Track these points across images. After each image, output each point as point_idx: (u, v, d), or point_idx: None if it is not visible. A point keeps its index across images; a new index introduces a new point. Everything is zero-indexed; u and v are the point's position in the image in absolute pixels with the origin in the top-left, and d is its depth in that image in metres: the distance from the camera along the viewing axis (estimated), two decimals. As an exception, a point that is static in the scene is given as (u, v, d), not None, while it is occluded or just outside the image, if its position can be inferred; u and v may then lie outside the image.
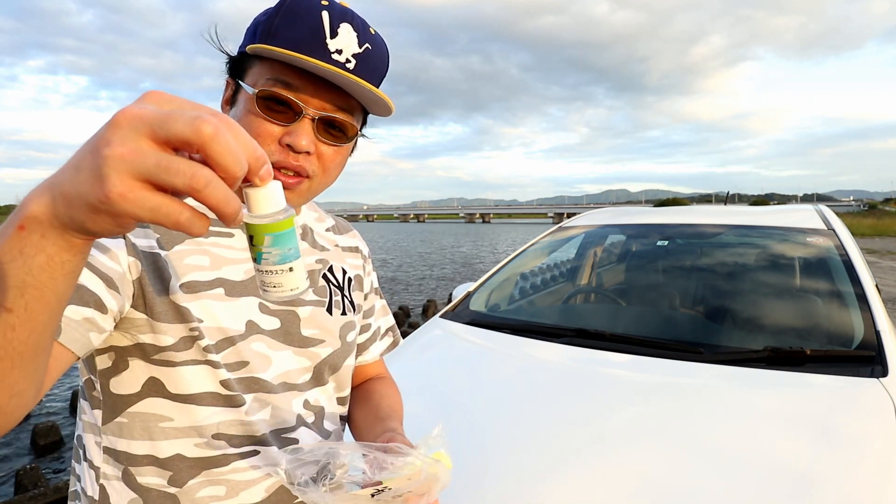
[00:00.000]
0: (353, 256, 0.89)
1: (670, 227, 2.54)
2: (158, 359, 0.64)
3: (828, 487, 1.06)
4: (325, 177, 0.70)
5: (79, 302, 0.56)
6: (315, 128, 0.66)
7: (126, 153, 0.31)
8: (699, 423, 1.28)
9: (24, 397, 0.43)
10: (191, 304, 0.65)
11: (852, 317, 1.72)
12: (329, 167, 0.70)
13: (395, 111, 0.71)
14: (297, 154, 0.65)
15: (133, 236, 0.63)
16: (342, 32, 0.65)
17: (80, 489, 0.70)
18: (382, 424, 0.79)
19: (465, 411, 1.42)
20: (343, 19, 0.65)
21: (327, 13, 0.64)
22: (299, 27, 0.63)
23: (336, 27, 0.64)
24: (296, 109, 0.65)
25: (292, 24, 0.64)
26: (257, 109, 0.64)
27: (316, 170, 0.68)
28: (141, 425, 0.66)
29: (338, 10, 0.66)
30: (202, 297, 0.66)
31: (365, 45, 0.66)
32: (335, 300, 0.81)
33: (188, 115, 0.32)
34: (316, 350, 0.76)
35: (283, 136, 0.65)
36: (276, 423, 0.71)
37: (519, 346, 1.83)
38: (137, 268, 0.62)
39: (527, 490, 1.08)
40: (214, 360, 0.66)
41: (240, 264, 0.70)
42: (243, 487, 0.68)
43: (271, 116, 0.65)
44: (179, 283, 0.65)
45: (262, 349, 0.70)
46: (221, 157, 0.33)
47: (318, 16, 0.64)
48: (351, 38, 0.65)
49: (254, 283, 0.71)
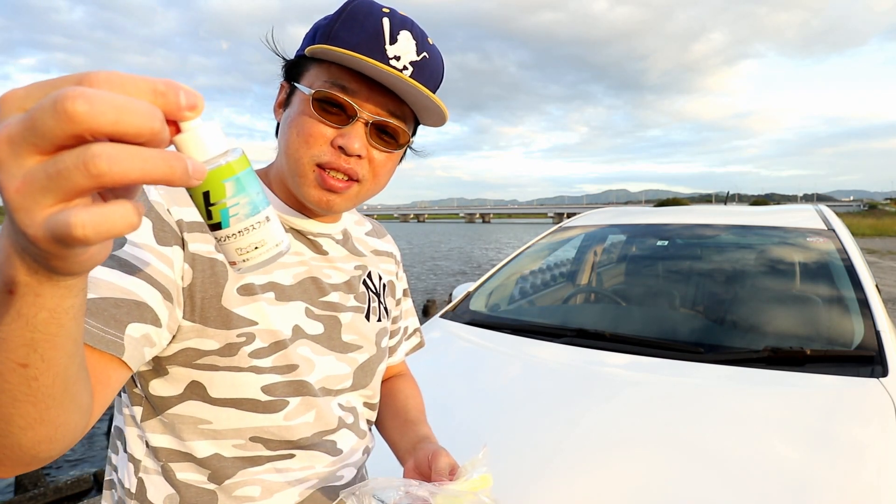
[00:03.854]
0: (388, 262, 0.90)
1: (670, 227, 2.54)
2: (201, 363, 0.64)
3: (828, 487, 1.06)
4: (374, 183, 0.71)
5: (138, 319, 0.56)
6: (368, 132, 0.66)
7: (19, 186, 0.26)
8: (699, 423, 1.28)
9: (73, 424, 0.43)
10: (245, 308, 0.65)
11: (852, 317, 1.72)
12: (379, 173, 0.70)
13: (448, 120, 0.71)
14: (348, 157, 0.66)
15: (191, 241, 0.62)
16: (401, 39, 0.65)
17: (117, 480, 0.70)
18: (414, 430, 0.82)
19: (465, 411, 1.42)
20: (403, 27, 0.66)
21: (388, 20, 0.65)
22: (359, 31, 0.64)
23: (396, 34, 0.65)
24: (350, 112, 0.65)
25: (352, 28, 0.64)
26: (312, 110, 0.65)
27: (366, 174, 0.68)
28: (180, 426, 0.66)
29: (398, 18, 0.66)
30: (257, 299, 0.66)
31: (423, 54, 0.67)
32: (373, 307, 0.82)
33: (50, 102, 0.25)
34: (354, 356, 0.77)
35: (335, 137, 0.65)
36: (319, 426, 0.72)
37: (519, 346, 1.83)
38: (190, 275, 0.62)
39: (527, 490, 1.08)
40: (258, 366, 0.66)
41: (289, 269, 0.71)
42: (278, 489, 0.69)
43: (325, 118, 0.65)
44: (237, 286, 0.65)
45: (307, 353, 0.71)
46: (116, 124, 0.25)
47: (378, 21, 0.64)
48: (410, 45, 0.65)
49: (301, 288, 0.71)
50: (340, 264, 0.78)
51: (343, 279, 0.78)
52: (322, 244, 0.76)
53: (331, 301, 0.74)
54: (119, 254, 0.57)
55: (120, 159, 0.25)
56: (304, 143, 0.65)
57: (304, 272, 0.72)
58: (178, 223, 0.62)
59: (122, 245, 0.57)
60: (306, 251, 0.74)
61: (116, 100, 0.25)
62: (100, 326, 0.53)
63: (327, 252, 0.77)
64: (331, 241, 0.78)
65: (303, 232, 0.74)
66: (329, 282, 0.75)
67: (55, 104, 0.24)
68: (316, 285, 0.73)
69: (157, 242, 0.60)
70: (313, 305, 0.72)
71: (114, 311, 0.54)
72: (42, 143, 0.25)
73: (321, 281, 0.74)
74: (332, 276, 0.76)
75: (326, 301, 0.74)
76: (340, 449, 0.75)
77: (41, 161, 0.26)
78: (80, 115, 0.24)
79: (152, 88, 0.28)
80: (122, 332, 0.54)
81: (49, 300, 0.32)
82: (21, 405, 0.38)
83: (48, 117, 0.25)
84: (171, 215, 0.62)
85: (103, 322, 0.53)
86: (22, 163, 0.26)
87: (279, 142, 0.70)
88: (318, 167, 0.66)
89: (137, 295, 0.56)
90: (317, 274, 0.74)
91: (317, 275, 0.74)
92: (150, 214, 0.60)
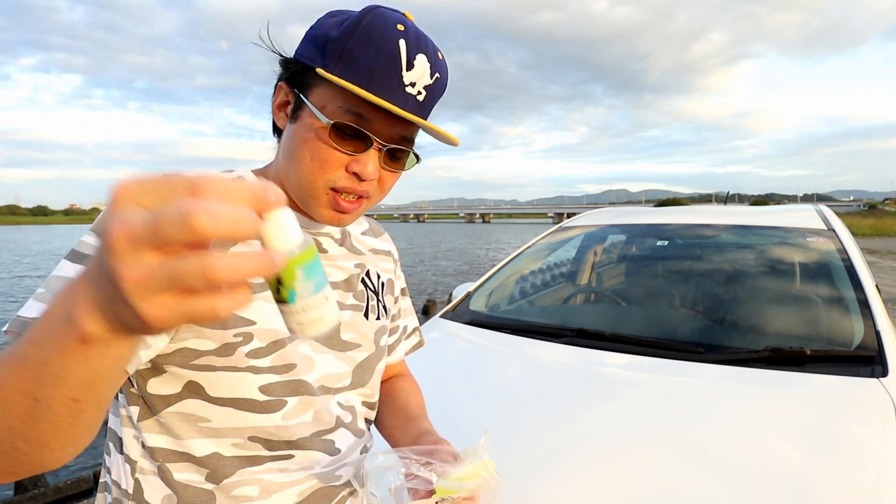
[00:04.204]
0: (386, 260, 0.90)
1: (670, 227, 2.54)
2: (198, 364, 0.64)
3: (828, 487, 1.06)
4: (380, 196, 0.72)
5: None
6: (381, 157, 0.67)
7: (139, 278, 0.30)
8: (699, 423, 1.28)
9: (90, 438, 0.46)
10: (243, 308, 0.65)
11: (852, 317, 1.72)
12: (386, 188, 0.72)
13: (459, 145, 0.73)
14: (361, 181, 0.67)
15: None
16: (417, 64, 0.64)
17: (111, 481, 0.70)
18: (416, 426, 0.82)
19: (465, 411, 1.42)
20: (419, 49, 0.65)
21: (404, 42, 0.64)
22: (375, 55, 0.62)
23: (412, 58, 0.64)
24: (366, 141, 0.65)
25: (367, 50, 0.63)
26: (329, 139, 0.64)
27: (374, 191, 0.70)
28: (178, 424, 0.66)
29: (413, 38, 0.65)
30: (257, 298, 0.66)
31: (435, 75, 0.67)
32: (371, 305, 0.82)
33: (177, 215, 0.29)
34: (353, 354, 0.78)
35: (350, 163, 0.66)
36: (317, 425, 0.72)
37: (519, 346, 1.83)
38: None
39: (527, 490, 1.08)
40: (256, 366, 0.66)
41: None
42: (276, 489, 0.69)
43: (342, 146, 0.65)
44: None
45: (307, 352, 0.71)
46: (232, 234, 0.30)
47: (394, 45, 0.63)
48: (425, 69, 0.65)
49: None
50: (340, 262, 0.79)
51: (342, 277, 0.78)
52: (322, 242, 0.77)
53: None
54: None
55: (232, 267, 0.31)
56: (320, 169, 0.65)
57: None
58: None
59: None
60: None
61: (231, 214, 0.30)
62: None
63: (327, 251, 0.77)
64: (330, 239, 0.78)
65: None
66: (328, 280, 0.75)
67: (182, 219, 0.29)
68: None
69: None
70: None
71: None
72: (163, 245, 0.30)
73: None
74: (332, 274, 0.77)
75: None
76: (339, 448, 0.75)
77: (158, 259, 0.30)
78: (203, 230, 0.29)
79: (252, 194, 0.33)
80: None
81: (120, 350, 0.36)
82: (62, 433, 0.41)
83: (174, 228, 0.29)
84: None
85: None
86: (140, 258, 0.30)
87: (285, 153, 0.69)
88: (333, 190, 0.66)
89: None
90: None
91: None
92: None
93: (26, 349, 0.38)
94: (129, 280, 0.30)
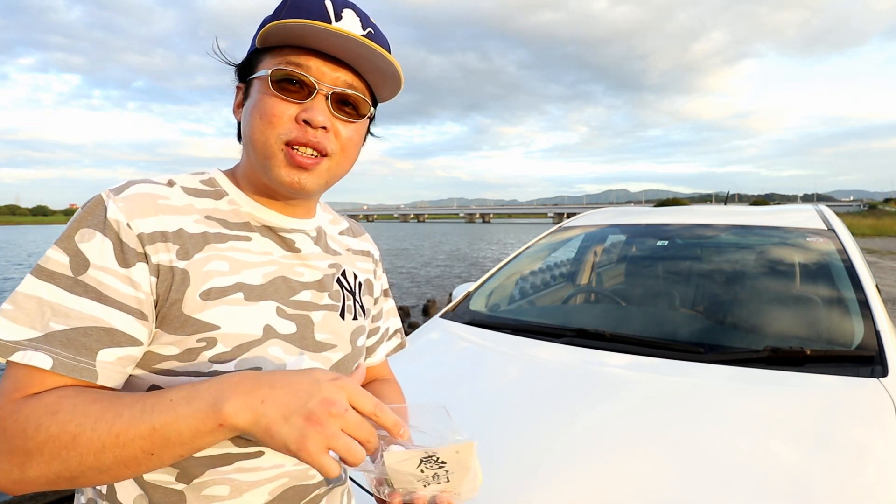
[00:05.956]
0: (365, 260, 0.90)
1: (670, 227, 2.54)
2: (160, 368, 0.64)
3: (827, 488, 1.06)
4: (343, 157, 0.72)
5: (109, 344, 0.59)
6: (329, 104, 0.68)
7: (328, 437, 0.51)
8: (699, 423, 1.28)
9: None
10: (207, 313, 0.65)
11: (852, 317, 1.72)
12: (346, 146, 0.72)
13: (403, 87, 0.73)
14: (314, 130, 0.67)
15: (153, 253, 0.63)
16: (346, 17, 0.68)
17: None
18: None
19: (465, 411, 1.41)
20: (346, 6, 0.69)
21: (330, 2, 0.68)
22: (304, 14, 0.66)
23: (340, 12, 0.68)
24: (310, 87, 0.67)
25: (297, 14, 0.67)
26: (272, 90, 0.67)
27: (334, 148, 0.70)
28: None
29: (339, 1, 0.69)
30: (221, 302, 0.66)
31: (367, 29, 0.69)
32: (347, 305, 0.81)
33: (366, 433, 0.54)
34: (328, 355, 0.77)
35: (299, 113, 0.67)
36: None
37: (519, 346, 1.83)
38: (155, 286, 0.63)
39: (526, 490, 1.08)
40: (219, 371, 0.65)
41: (258, 268, 0.71)
42: (247, 488, 0.68)
43: (286, 95, 0.67)
44: (198, 292, 0.65)
45: (277, 353, 0.70)
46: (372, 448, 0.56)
47: (321, 4, 0.67)
48: (354, 22, 0.68)
49: (272, 287, 0.71)
50: (314, 262, 0.78)
51: (315, 277, 0.77)
52: (295, 241, 0.76)
53: (302, 300, 0.74)
54: (86, 280, 0.59)
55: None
56: (269, 124, 0.67)
57: (274, 271, 0.72)
58: (138, 237, 0.62)
59: (87, 269, 0.59)
60: (276, 249, 0.73)
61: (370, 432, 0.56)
62: (71, 356, 0.57)
63: (300, 249, 0.76)
64: (304, 237, 0.78)
65: (274, 228, 0.74)
66: (300, 280, 0.75)
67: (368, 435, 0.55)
68: (286, 284, 0.73)
69: (120, 265, 0.61)
70: (285, 305, 0.72)
71: (84, 339, 0.58)
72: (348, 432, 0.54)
73: (291, 279, 0.74)
74: (305, 273, 0.76)
75: (297, 300, 0.74)
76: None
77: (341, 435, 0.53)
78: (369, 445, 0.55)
79: (394, 423, 0.57)
80: (93, 360, 0.58)
81: (226, 436, 0.54)
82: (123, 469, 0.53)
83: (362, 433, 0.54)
84: (132, 230, 0.62)
85: (75, 352, 0.57)
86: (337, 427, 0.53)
87: (244, 134, 0.71)
88: (287, 146, 0.67)
89: (106, 321, 0.59)
90: (287, 272, 0.74)
91: (287, 273, 0.73)
92: (108, 234, 0.61)
93: (160, 419, 0.52)
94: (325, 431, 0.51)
